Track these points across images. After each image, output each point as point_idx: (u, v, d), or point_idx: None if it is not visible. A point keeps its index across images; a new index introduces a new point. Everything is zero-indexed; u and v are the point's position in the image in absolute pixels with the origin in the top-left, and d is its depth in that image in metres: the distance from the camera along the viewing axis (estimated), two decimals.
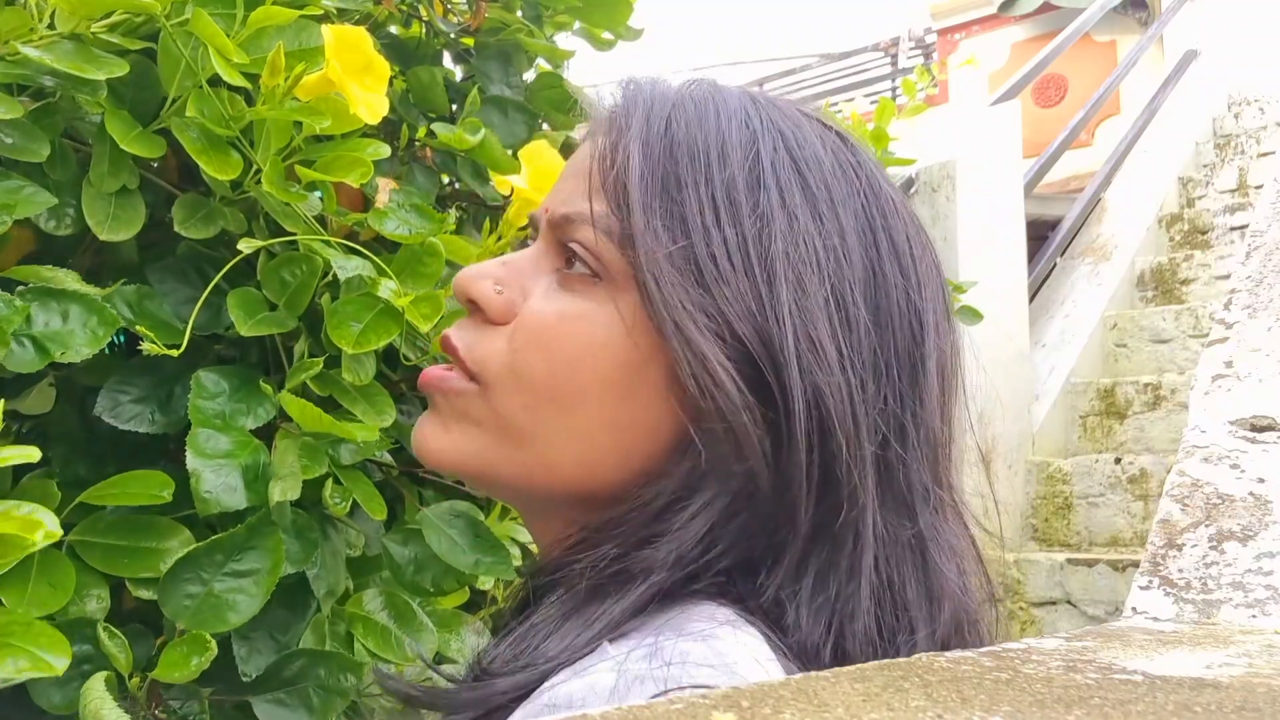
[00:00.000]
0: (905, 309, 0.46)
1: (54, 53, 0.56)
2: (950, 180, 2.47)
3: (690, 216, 0.44)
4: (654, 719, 0.30)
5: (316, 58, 0.62)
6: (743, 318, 0.43)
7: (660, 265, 0.43)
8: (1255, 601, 0.82)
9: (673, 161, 0.45)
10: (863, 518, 0.43)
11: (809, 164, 0.46)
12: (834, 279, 0.44)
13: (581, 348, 0.45)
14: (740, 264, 0.43)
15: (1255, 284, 1.20)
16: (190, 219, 0.67)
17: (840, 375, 0.43)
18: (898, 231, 0.47)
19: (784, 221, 0.44)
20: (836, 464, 0.43)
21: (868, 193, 0.47)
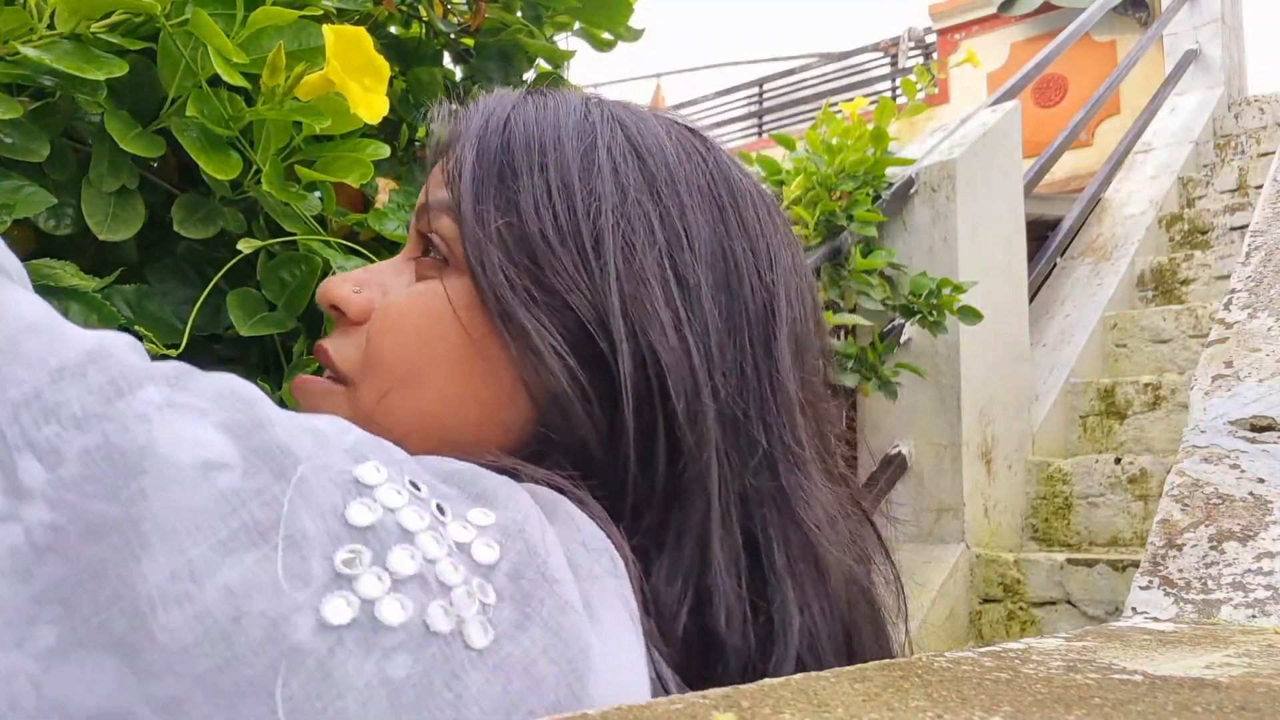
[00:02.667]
0: (756, 282, 0.48)
1: (53, 53, 0.56)
2: (950, 180, 2.47)
3: (523, 200, 0.46)
4: (654, 718, 0.30)
5: (316, 58, 0.62)
6: (572, 289, 0.44)
7: (486, 246, 0.45)
8: (1255, 601, 0.82)
9: (508, 152, 0.48)
10: (708, 474, 0.43)
11: (649, 149, 0.48)
12: (671, 249, 0.46)
13: (425, 325, 0.47)
14: (570, 238, 0.45)
15: (1255, 284, 1.20)
16: (190, 219, 0.67)
17: (675, 336, 0.44)
18: (747, 210, 0.49)
19: (616, 198, 0.46)
20: (676, 424, 0.43)
21: (714, 175, 0.49)
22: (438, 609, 0.32)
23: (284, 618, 0.30)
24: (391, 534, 0.33)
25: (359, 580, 0.31)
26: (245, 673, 0.29)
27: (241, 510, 0.31)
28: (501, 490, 0.38)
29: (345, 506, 0.33)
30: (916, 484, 2.46)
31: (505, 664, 0.32)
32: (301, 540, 0.31)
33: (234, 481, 0.31)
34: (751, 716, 0.30)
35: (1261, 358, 1.07)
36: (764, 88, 7.83)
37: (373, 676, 0.30)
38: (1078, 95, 5.23)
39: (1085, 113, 3.71)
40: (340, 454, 0.35)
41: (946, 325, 2.28)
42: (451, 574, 0.33)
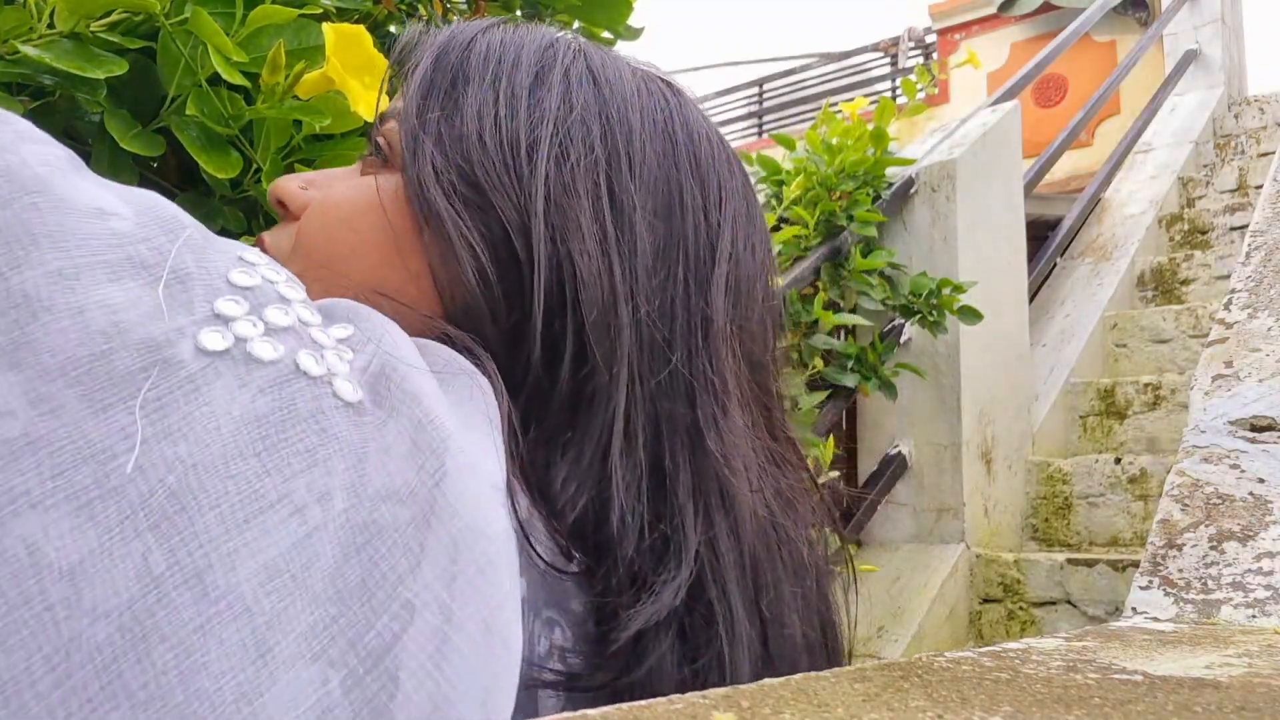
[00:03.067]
0: (700, 219, 0.48)
1: (53, 51, 0.56)
2: (950, 180, 2.47)
3: (468, 104, 0.47)
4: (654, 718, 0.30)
5: (316, 56, 0.62)
6: (497, 188, 0.45)
7: (422, 139, 0.46)
8: (1255, 601, 0.82)
9: (465, 63, 0.48)
10: (616, 387, 0.43)
11: (608, 78, 0.49)
12: (610, 169, 0.46)
13: (351, 214, 0.48)
14: (505, 142, 0.46)
15: (1255, 284, 1.20)
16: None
17: (596, 248, 0.44)
18: (702, 152, 0.49)
19: (562, 111, 0.46)
20: (586, 334, 0.44)
21: (673, 115, 0.49)
22: (308, 356, 0.33)
23: (163, 335, 0.31)
24: (270, 296, 0.34)
25: (235, 323, 0.32)
26: (118, 369, 0.30)
27: (129, 247, 0.32)
28: (362, 312, 0.38)
29: (228, 270, 0.34)
30: (916, 484, 2.46)
31: (366, 426, 0.33)
32: (185, 279, 0.32)
33: (125, 226, 0.33)
34: (751, 716, 0.30)
35: (1261, 358, 1.07)
36: (764, 88, 7.83)
37: (243, 402, 0.31)
38: (1078, 95, 5.23)
39: (1085, 113, 3.71)
40: (226, 242, 0.36)
41: (946, 325, 2.28)
42: (323, 337, 0.35)
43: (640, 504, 0.43)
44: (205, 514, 0.29)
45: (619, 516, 0.42)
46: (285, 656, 0.29)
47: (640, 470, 0.43)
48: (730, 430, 0.46)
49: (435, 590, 0.32)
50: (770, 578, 0.45)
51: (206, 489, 0.29)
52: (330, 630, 0.30)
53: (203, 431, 0.30)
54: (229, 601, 0.28)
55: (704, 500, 0.44)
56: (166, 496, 0.29)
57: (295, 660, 0.29)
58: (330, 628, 0.30)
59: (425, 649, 0.31)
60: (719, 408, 0.46)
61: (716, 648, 0.42)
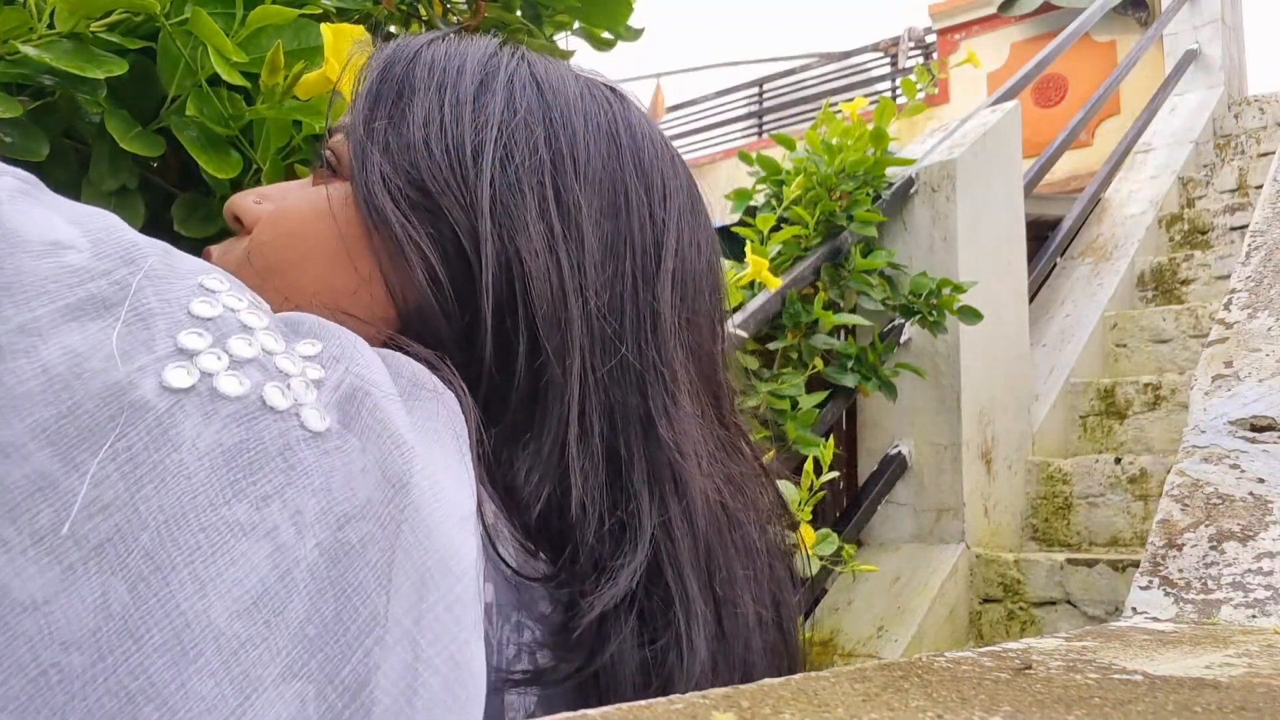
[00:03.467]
0: (645, 216, 0.49)
1: (53, 52, 0.56)
2: (950, 180, 2.47)
3: (413, 114, 0.48)
4: (654, 718, 0.30)
5: (316, 57, 0.62)
6: (444, 191, 0.46)
7: (369, 148, 0.47)
8: (1255, 601, 0.82)
9: (410, 74, 0.50)
10: (569, 379, 0.44)
11: (551, 84, 0.50)
12: (555, 170, 0.47)
13: (300, 222, 0.49)
14: (451, 147, 0.47)
15: (1255, 284, 1.20)
16: (190, 218, 0.67)
17: (544, 246, 0.46)
18: (646, 154, 0.51)
19: (505, 115, 0.48)
20: (537, 329, 0.45)
21: (617, 118, 0.51)
22: (274, 389, 0.34)
23: (126, 378, 0.31)
24: (232, 326, 0.35)
25: (199, 357, 0.33)
26: (85, 421, 0.30)
27: (89, 284, 0.32)
28: (328, 328, 0.39)
29: (189, 301, 0.34)
30: (916, 484, 2.46)
31: (334, 455, 0.34)
32: (147, 316, 0.33)
33: (82, 260, 0.33)
34: (751, 716, 0.30)
35: (1261, 358, 1.07)
36: (764, 88, 7.83)
37: (210, 440, 0.31)
38: (1078, 95, 5.23)
39: (1085, 113, 3.71)
40: (188, 263, 0.36)
41: (946, 325, 2.28)
42: (289, 365, 0.35)
43: (598, 491, 0.44)
44: (175, 557, 0.29)
45: (578, 504, 0.43)
46: (268, 691, 0.29)
47: (597, 459, 0.45)
48: (680, 419, 0.47)
49: (405, 626, 0.32)
50: (722, 559, 0.47)
51: (177, 534, 0.30)
52: (309, 664, 0.30)
53: (172, 476, 0.30)
54: (204, 639, 0.29)
55: (658, 486, 0.45)
56: (137, 546, 0.29)
57: (278, 697, 0.29)
58: (309, 662, 0.30)
59: (398, 684, 0.31)
60: (669, 397, 0.47)
61: (675, 628, 0.43)
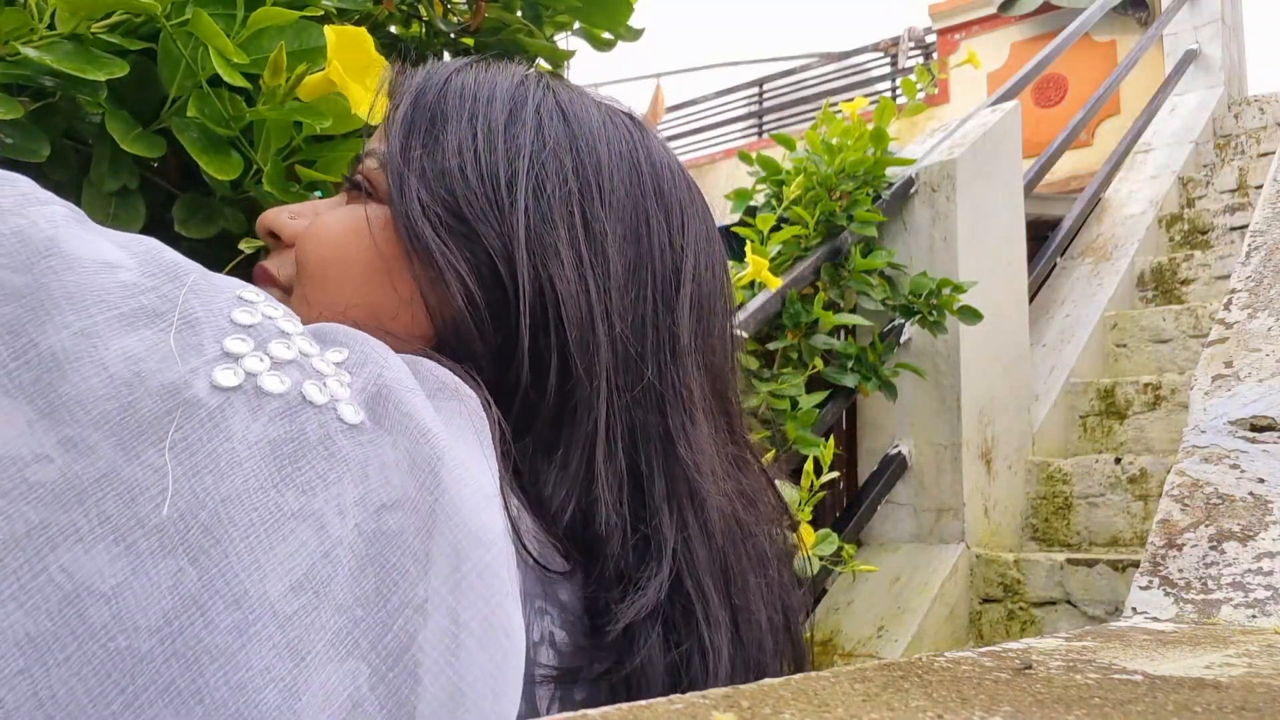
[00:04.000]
0: (665, 242, 0.52)
1: (54, 53, 0.56)
2: (950, 180, 2.47)
3: (448, 140, 0.50)
4: (654, 718, 0.30)
5: (317, 58, 0.62)
6: (481, 219, 0.48)
7: (406, 174, 0.50)
8: (1255, 601, 0.82)
9: (442, 102, 0.52)
10: (597, 398, 0.47)
11: (576, 114, 0.53)
12: (583, 198, 0.50)
13: (342, 239, 0.51)
14: (486, 175, 0.49)
15: (1255, 284, 1.20)
16: (190, 219, 0.67)
17: (574, 272, 0.48)
18: (665, 182, 0.53)
19: (536, 146, 0.50)
20: (569, 349, 0.47)
21: (638, 147, 0.53)
22: (313, 386, 0.37)
23: (180, 378, 0.34)
24: (271, 331, 0.38)
25: (244, 359, 0.36)
26: (145, 415, 0.33)
27: (141, 296, 0.35)
28: (354, 336, 0.42)
29: (231, 310, 0.37)
30: (916, 484, 2.46)
31: (369, 445, 0.36)
32: (194, 323, 0.36)
33: (132, 277, 0.36)
34: (751, 716, 0.30)
35: (1261, 358, 1.07)
36: (764, 88, 7.83)
37: (258, 433, 0.34)
38: (1078, 95, 5.23)
39: (1085, 113, 3.71)
40: (226, 280, 0.40)
41: (946, 325, 2.28)
42: (324, 366, 0.38)
43: (622, 506, 0.47)
44: (233, 535, 0.32)
45: (604, 518, 0.46)
46: (318, 658, 0.32)
47: (621, 476, 0.47)
48: (697, 437, 0.50)
49: (443, 595, 0.35)
50: (737, 569, 0.50)
51: (233, 514, 0.32)
52: (354, 633, 0.33)
53: (226, 464, 0.33)
54: (261, 611, 0.32)
55: (677, 502, 0.48)
56: (196, 524, 0.32)
57: (327, 661, 0.32)
58: (353, 631, 0.33)
59: (438, 647, 0.35)
60: (687, 417, 0.50)
61: (698, 633, 0.46)
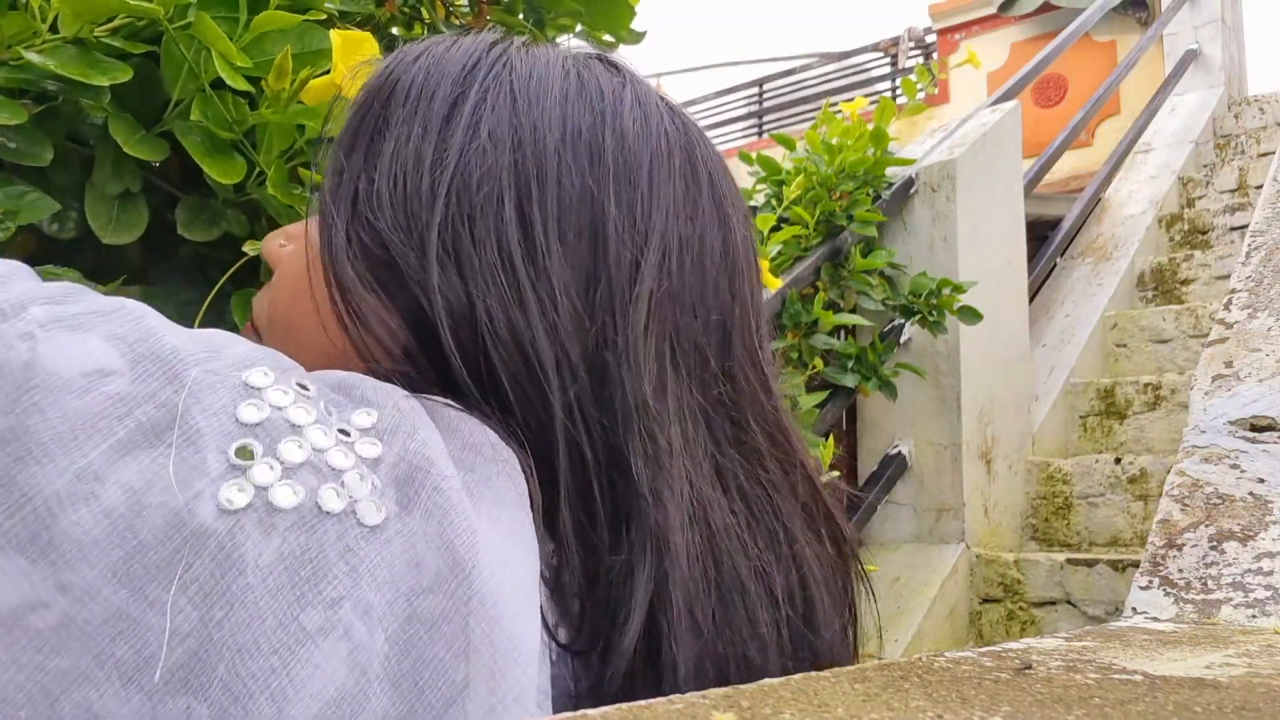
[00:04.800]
0: (626, 235, 0.45)
1: (57, 58, 0.56)
2: (950, 180, 2.47)
3: (382, 153, 0.45)
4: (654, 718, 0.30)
5: (320, 61, 0.62)
6: (401, 246, 0.43)
7: (337, 201, 0.45)
8: (1255, 601, 0.82)
9: (385, 106, 0.47)
10: (551, 437, 0.41)
11: (530, 96, 0.46)
12: (518, 197, 0.44)
13: (290, 284, 0.49)
14: (410, 195, 0.44)
15: (1255, 284, 1.20)
16: (193, 222, 0.67)
17: (507, 293, 0.42)
18: (630, 155, 0.46)
19: (466, 144, 0.44)
20: (518, 381, 0.42)
21: (602, 116, 0.46)
22: (329, 491, 0.34)
23: (185, 506, 0.32)
24: (280, 428, 0.34)
25: (252, 469, 0.33)
26: (152, 558, 0.31)
27: (136, 411, 0.33)
28: (382, 393, 0.38)
29: (235, 407, 0.34)
30: (916, 484, 2.46)
31: (396, 544, 0.34)
32: (196, 437, 0.33)
33: (123, 387, 0.33)
34: (751, 717, 0.30)
35: (1261, 358, 1.07)
36: (764, 88, 7.82)
37: (272, 555, 0.32)
38: (1078, 95, 5.23)
39: (1085, 113, 3.71)
40: (230, 359, 0.36)
41: (946, 325, 2.28)
42: (341, 459, 0.35)
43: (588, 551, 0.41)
44: (251, 667, 0.30)
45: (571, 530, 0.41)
46: None
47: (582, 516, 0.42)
48: (659, 455, 0.43)
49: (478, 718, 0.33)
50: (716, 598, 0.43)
51: (250, 644, 0.31)
52: None
53: (239, 596, 0.31)
54: None
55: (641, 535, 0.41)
56: (210, 659, 0.30)
57: None
58: None
59: None
60: (649, 439, 0.43)
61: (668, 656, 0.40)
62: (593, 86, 0.48)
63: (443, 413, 0.40)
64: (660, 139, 0.48)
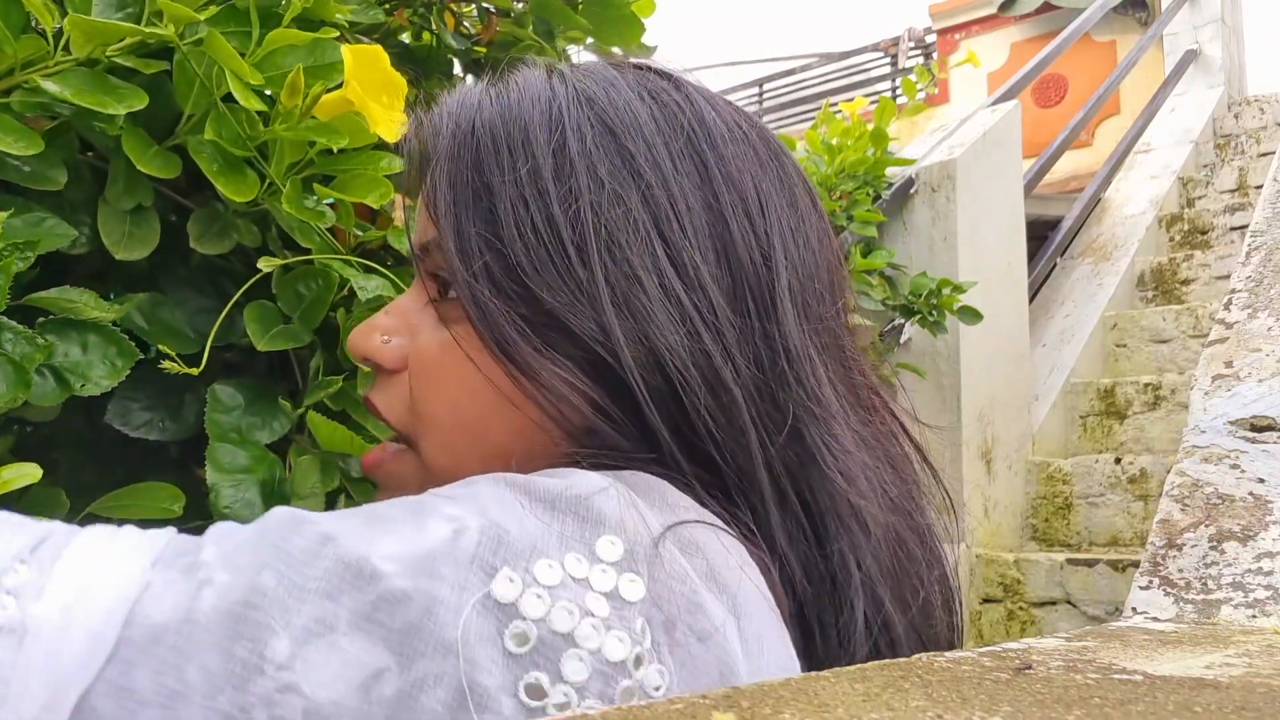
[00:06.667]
0: (750, 238, 0.46)
1: (71, 85, 0.55)
2: (950, 180, 2.47)
3: (502, 216, 0.44)
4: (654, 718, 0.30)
5: (332, 74, 0.62)
6: (567, 308, 0.43)
7: (476, 287, 0.44)
8: (1255, 601, 0.82)
9: (479, 169, 0.46)
10: (747, 452, 0.43)
11: (624, 123, 0.46)
12: (660, 230, 0.44)
13: (455, 380, 0.46)
14: (554, 254, 0.44)
15: (1255, 284, 1.20)
16: (205, 234, 0.67)
17: (680, 330, 0.43)
18: (728, 157, 0.47)
19: (594, 191, 0.44)
20: (704, 414, 0.43)
21: (694, 128, 0.47)
22: (624, 690, 0.34)
23: None
24: (554, 647, 0.34)
25: (548, 707, 0.33)
26: None
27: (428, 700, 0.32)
28: (610, 507, 0.37)
29: (503, 639, 0.33)
30: None
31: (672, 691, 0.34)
32: (486, 697, 0.32)
33: (397, 684, 0.32)
34: (751, 717, 0.31)
35: (1261, 358, 1.07)
36: (764, 88, 7.82)
37: None
38: (1078, 95, 5.22)
39: (1085, 113, 3.70)
40: (467, 572, 0.34)
41: (946, 325, 2.28)
42: (619, 649, 0.34)
43: (810, 549, 0.43)
44: None
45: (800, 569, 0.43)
46: None
47: (798, 517, 0.44)
48: (841, 448, 0.45)
49: None
50: (907, 584, 0.47)
51: None
52: None
53: None
54: None
55: (848, 526, 0.44)
56: None
57: None
58: None
59: None
60: (825, 430, 0.45)
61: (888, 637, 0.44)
62: (668, 101, 0.48)
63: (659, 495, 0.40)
64: (740, 135, 0.48)
